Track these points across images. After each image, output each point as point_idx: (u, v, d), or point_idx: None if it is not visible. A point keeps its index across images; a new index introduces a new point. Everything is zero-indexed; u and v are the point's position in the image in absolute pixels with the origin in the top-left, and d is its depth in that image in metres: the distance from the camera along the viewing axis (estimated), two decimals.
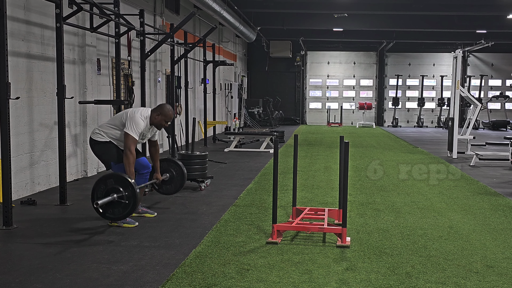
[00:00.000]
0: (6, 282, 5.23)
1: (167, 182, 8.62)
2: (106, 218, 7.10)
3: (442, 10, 22.86)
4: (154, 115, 7.62)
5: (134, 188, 6.90)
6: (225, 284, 5.22)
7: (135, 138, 7.37)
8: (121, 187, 6.90)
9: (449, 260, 6.08)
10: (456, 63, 16.39)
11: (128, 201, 6.91)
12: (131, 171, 7.29)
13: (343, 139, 7.28)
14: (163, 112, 7.62)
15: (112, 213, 6.97)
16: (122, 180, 6.92)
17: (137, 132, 7.38)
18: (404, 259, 6.10)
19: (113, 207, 6.93)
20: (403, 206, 9.05)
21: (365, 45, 34.10)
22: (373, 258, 6.15)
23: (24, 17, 9.38)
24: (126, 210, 6.94)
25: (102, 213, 6.94)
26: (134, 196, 6.90)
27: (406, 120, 34.95)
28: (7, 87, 7.31)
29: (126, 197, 6.90)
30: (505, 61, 34.15)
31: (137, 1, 14.43)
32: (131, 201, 6.91)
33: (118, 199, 6.88)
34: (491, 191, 10.64)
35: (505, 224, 7.86)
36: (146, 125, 7.57)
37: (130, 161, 7.29)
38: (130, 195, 6.90)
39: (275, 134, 18.26)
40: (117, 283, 5.23)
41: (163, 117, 7.63)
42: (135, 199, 6.90)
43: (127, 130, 7.34)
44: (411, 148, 19.39)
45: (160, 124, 7.68)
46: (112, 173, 7.11)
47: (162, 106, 7.71)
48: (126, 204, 6.91)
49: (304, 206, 8.73)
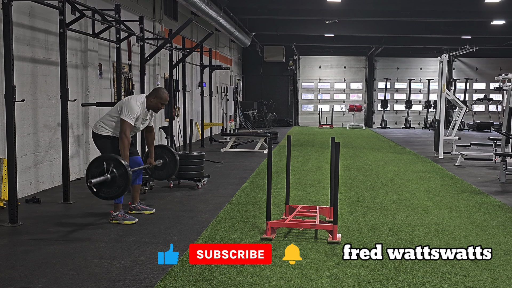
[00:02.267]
0: (12, 276, 5.24)
1: (160, 167, 8.56)
2: (99, 197, 7.01)
3: (429, 17, 22.90)
4: (150, 99, 7.63)
5: (126, 169, 6.87)
6: (221, 279, 5.23)
7: (130, 123, 7.35)
8: (115, 168, 6.88)
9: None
10: (442, 67, 16.42)
11: (120, 182, 6.89)
12: (125, 154, 7.27)
13: (334, 140, 7.30)
14: (158, 95, 7.63)
15: (105, 192, 6.94)
16: (116, 161, 6.90)
17: (132, 118, 7.36)
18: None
19: (106, 186, 6.91)
20: (391, 204, 9.06)
21: (355, 50, 34.13)
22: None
23: (29, 23, 9.38)
24: (118, 190, 6.92)
25: (95, 192, 6.90)
26: (126, 176, 6.87)
27: (394, 122, 34.97)
28: (12, 90, 7.32)
29: (119, 177, 6.88)
30: (489, 65, 34.21)
31: (137, 8, 14.43)
32: (124, 182, 6.89)
33: (111, 179, 6.88)
34: (476, 189, 10.66)
35: (489, 221, 7.89)
36: (143, 110, 7.56)
37: (125, 144, 7.29)
38: (123, 175, 6.88)
39: (269, 135, 18.25)
40: (118, 278, 5.24)
41: (159, 100, 7.63)
42: (127, 179, 6.88)
43: (123, 116, 7.33)
44: (399, 149, 19.41)
45: (157, 107, 7.69)
46: (107, 155, 7.08)
47: (157, 90, 7.73)
48: (119, 184, 6.90)
49: (297, 204, 8.73)
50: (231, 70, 28.52)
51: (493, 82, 32.02)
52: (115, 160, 6.91)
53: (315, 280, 5.23)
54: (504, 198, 9.76)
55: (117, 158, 6.92)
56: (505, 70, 32.09)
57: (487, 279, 5.34)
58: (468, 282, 5.23)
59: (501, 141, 13.51)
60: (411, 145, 20.89)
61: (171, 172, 8.64)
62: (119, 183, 6.90)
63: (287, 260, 5.74)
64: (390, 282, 5.21)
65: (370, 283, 5.19)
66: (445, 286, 5.12)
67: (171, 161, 8.58)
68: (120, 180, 6.90)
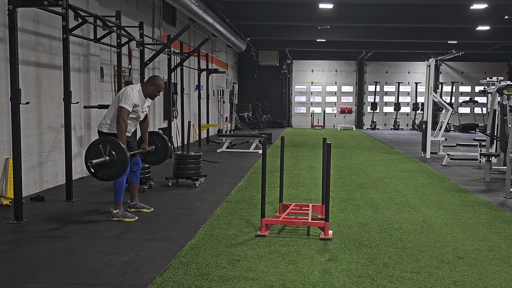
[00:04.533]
0: (17, 271, 5.23)
1: (153, 153, 8.53)
2: (97, 178, 6.99)
3: (417, 23, 22.93)
4: (147, 87, 7.63)
5: (125, 152, 6.88)
6: (217, 274, 5.24)
7: (128, 109, 7.35)
8: (113, 150, 6.87)
9: (423, 252, 6.12)
10: (429, 71, 16.45)
11: (118, 164, 6.88)
12: (122, 138, 7.27)
13: (326, 141, 7.31)
14: (154, 82, 7.64)
15: (103, 173, 6.93)
16: (115, 143, 6.88)
17: (129, 104, 7.37)
18: (382, 251, 6.13)
19: (105, 168, 6.90)
20: (380, 202, 9.08)
21: (346, 54, 34.20)
22: (353, 249, 6.18)
23: (34, 29, 9.37)
24: (115, 172, 6.91)
25: (94, 173, 6.90)
26: (124, 159, 6.87)
27: (384, 123, 35.01)
28: (18, 93, 7.31)
29: (117, 159, 6.87)
30: (474, 69, 34.30)
31: (137, 14, 14.42)
32: (121, 164, 6.88)
33: (110, 161, 6.87)
34: (462, 188, 10.69)
35: (474, 219, 7.91)
36: (140, 97, 7.56)
37: (122, 128, 7.30)
38: (121, 158, 6.87)
39: (263, 136, 18.25)
40: (119, 273, 5.24)
41: (155, 87, 7.65)
42: (125, 162, 6.89)
43: (121, 104, 7.35)
44: (388, 149, 19.44)
45: (153, 94, 7.70)
46: (106, 138, 7.06)
47: (153, 77, 7.72)
48: (116, 166, 6.89)
49: (290, 202, 8.75)
50: (227, 74, 28.53)
51: (478, 85, 32.18)
52: (115, 143, 6.89)
53: (308, 275, 5.24)
54: (489, 196, 9.79)
55: (117, 142, 6.91)
56: (489, 73, 32.21)
57: (472, 274, 5.36)
58: (454, 277, 5.24)
59: (486, 142, 13.55)
60: (399, 146, 20.92)
61: (163, 157, 8.61)
62: (117, 165, 6.90)
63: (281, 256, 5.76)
64: (379, 277, 5.22)
65: (360, 278, 5.20)
66: (432, 280, 5.14)
67: (163, 147, 8.56)
68: (118, 162, 6.89)
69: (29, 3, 7.65)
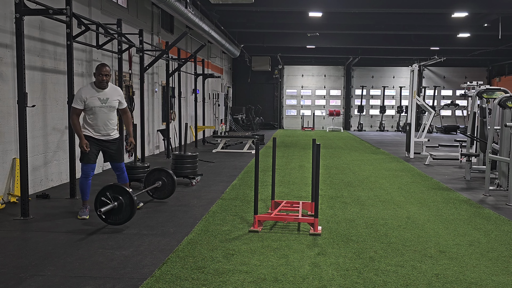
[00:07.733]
0: (24, 265, 5.23)
1: (160, 188, 8.68)
2: (109, 224, 6.87)
3: (401, 30, 22.96)
4: (95, 77, 7.43)
5: (132, 196, 6.79)
6: (213, 267, 5.25)
7: (74, 107, 7.29)
8: (120, 195, 6.79)
9: (407, 246, 6.14)
10: (413, 75, 16.50)
11: (126, 208, 6.78)
12: (78, 133, 7.29)
13: (315, 142, 7.33)
14: (97, 68, 7.39)
15: (113, 219, 6.83)
16: (121, 189, 6.82)
17: (77, 101, 7.29)
18: (368, 245, 6.15)
19: (114, 214, 6.82)
20: (367, 200, 9.11)
21: (334, 60, 34.24)
22: (341, 244, 6.19)
23: (39, 36, 9.36)
24: (126, 216, 6.79)
25: (104, 219, 6.81)
26: (132, 203, 6.77)
27: (370, 125, 35.05)
28: (24, 96, 7.31)
29: (125, 204, 6.78)
30: (455, 74, 34.39)
31: (137, 22, 14.42)
32: (129, 208, 6.79)
33: (118, 206, 6.80)
34: (443, 186, 10.73)
35: (455, 215, 7.94)
36: (91, 90, 7.39)
37: (74, 124, 7.33)
38: (128, 202, 6.79)
39: (256, 137, 18.25)
40: (120, 266, 5.25)
41: (97, 72, 7.36)
42: (133, 206, 6.78)
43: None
44: (374, 149, 19.47)
45: (100, 80, 7.37)
46: (112, 184, 6.92)
47: (97, 66, 7.47)
48: (125, 210, 6.78)
49: (282, 199, 8.76)
50: (222, 78, 28.52)
51: (459, 89, 32.28)
52: (121, 189, 6.79)
53: (298, 268, 5.25)
54: (469, 194, 9.83)
55: (123, 188, 6.80)
56: (470, 78, 32.38)
57: (453, 267, 5.39)
58: (436, 270, 5.27)
59: (466, 143, 13.61)
60: (384, 146, 20.96)
61: (170, 192, 8.71)
62: (125, 209, 6.78)
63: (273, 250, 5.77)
64: (366, 270, 5.23)
65: (348, 271, 5.21)
66: (415, 273, 5.16)
67: (169, 182, 8.67)
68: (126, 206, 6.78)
69: (35, 12, 7.64)
